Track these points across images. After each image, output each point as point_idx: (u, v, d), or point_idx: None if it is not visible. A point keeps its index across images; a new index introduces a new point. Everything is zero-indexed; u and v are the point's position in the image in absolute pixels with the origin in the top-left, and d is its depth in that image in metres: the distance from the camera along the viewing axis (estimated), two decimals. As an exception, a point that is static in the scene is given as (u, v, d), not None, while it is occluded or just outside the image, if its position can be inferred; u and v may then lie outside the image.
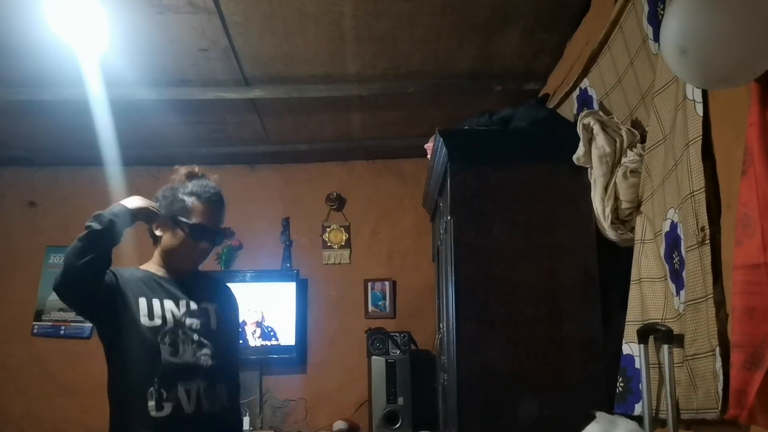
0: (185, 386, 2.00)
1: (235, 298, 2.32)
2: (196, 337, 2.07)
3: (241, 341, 2.50)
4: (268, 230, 4.53)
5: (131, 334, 2.03)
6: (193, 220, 2.09)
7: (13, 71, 3.25)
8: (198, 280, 2.21)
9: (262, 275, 4.39)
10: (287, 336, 4.31)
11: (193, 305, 2.11)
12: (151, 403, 1.96)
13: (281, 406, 4.29)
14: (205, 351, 2.07)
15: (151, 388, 1.97)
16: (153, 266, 2.17)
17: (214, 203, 2.14)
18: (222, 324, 2.16)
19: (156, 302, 2.07)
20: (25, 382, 4.33)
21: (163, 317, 2.05)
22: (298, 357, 4.32)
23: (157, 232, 2.13)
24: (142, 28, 2.88)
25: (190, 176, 2.18)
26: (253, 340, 4.28)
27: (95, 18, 2.74)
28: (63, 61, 3.07)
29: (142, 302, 2.05)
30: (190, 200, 2.11)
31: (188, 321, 2.08)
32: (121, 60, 3.11)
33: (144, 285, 2.09)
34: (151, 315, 2.04)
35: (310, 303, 4.46)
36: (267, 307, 4.33)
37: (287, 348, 4.28)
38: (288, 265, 4.49)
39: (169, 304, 2.08)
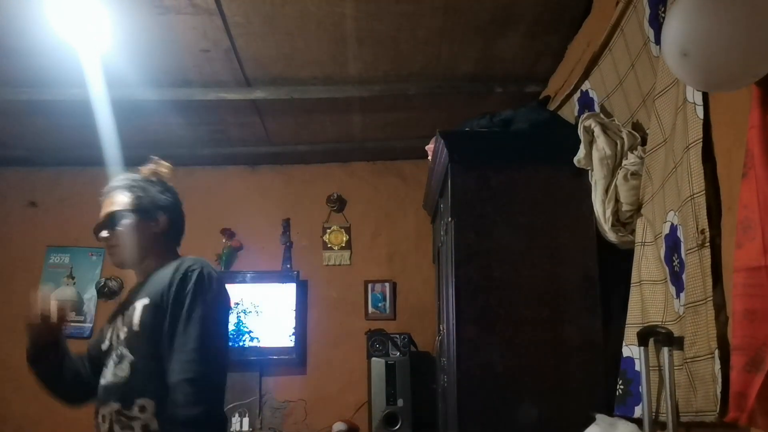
0: (102, 411, 1.81)
1: (186, 278, 1.77)
2: (120, 349, 1.81)
3: (220, 337, 1.86)
4: (269, 231, 4.53)
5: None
6: None
7: (15, 71, 3.25)
8: (158, 274, 1.87)
9: (262, 276, 4.38)
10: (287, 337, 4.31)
11: (128, 309, 1.85)
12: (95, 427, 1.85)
13: (280, 407, 4.29)
14: (124, 363, 1.78)
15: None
16: None
17: (102, 196, 1.97)
18: (147, 318, 1.78)
19: (109, 324, 1.94)
20: (25, 381, 4.28)
21: (110, 337, 1.89)
22: (297, 358, 4.31)
23: None
24: (143, 28, 2.89)
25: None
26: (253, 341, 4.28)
27: (97, 18, 2.75)
28: (65, 61, 3.08)
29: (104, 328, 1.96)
30: None
31: (121, 332, 1.84)
32: (122, 60, 3.12)
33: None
34: (102, 338, 1.93)
35: (310, 304, 4.45)
36: (267, 308, 4.34)
37: (287, 349, 4.28)
38: (288, 266, 4.49)
39: (118, 318, 1.89)
